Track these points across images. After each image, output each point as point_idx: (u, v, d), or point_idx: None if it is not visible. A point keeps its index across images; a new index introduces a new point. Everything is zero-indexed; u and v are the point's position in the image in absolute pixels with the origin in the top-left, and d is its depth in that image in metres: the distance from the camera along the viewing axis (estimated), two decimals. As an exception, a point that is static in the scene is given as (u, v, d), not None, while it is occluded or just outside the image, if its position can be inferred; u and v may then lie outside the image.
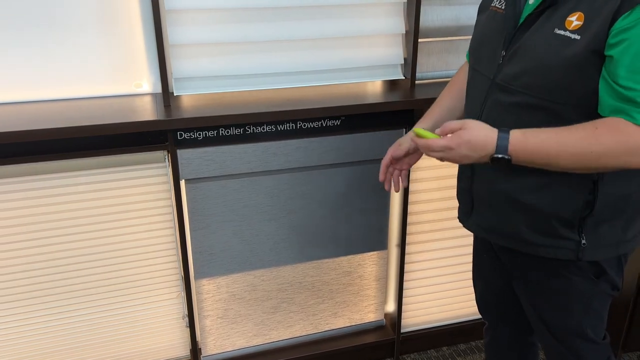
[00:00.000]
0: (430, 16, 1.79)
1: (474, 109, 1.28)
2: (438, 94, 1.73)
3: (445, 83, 1.86)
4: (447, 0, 1.80)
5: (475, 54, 1.33)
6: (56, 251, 1.69)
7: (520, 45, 1.15)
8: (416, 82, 1.82)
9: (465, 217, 1.40)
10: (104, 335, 1.86)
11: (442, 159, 1.16)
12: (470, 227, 1.40)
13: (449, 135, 1.13)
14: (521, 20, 1.17)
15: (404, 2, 1.75)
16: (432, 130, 1.21)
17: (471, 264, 2.12)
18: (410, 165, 1.47)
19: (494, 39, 1.24)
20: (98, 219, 1.69)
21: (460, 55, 1.88)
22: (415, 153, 1.43)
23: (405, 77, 1.83)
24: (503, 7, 1.23)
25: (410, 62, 1.78)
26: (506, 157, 1.09)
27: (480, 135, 1.10)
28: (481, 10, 1.37)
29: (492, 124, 1.17)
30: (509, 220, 1.27)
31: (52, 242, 1.68)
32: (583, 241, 1.20)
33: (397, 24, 1.77)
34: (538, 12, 1.14)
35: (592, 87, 1.06)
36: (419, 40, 1.77)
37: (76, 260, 1.73)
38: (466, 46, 1.86)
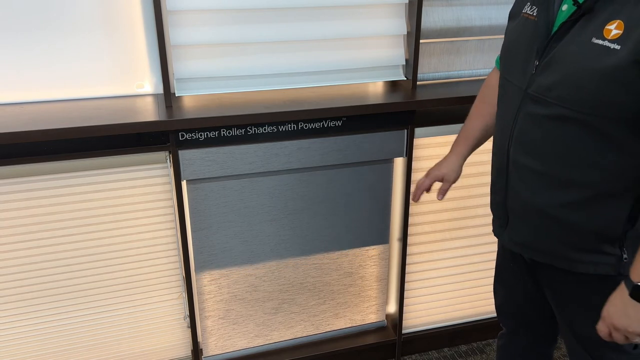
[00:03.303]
0: (431, 17, 1.79)
1: (506, 120, 1.24)
2: (439, 95, 1.73)
3: (447, 84, 1.88)
4: (448, 1, 1.80)
5: (505, 62, 1.28)
6: (58, 252, 1.70)
7: (555, 54, 1.10)
8: (417, 83, 1.82)
9: (500, 230, 1.36)
10: (105, 336, 1.87)
11: (625, 339, 1.13)
12: (504, 241, 1.36)
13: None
14: (555, 29, 1.12)
15: (405, 3, 1.76)
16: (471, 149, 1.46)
17: (473, 265, 2.13)
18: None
19: (525, 48, 1.19)
20: (99, 220, 1.70)
21: (462, 56, 1.88)
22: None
23: (407, 78, 1.83)
24: (535, 14, 1.18)
25: (412, 63, 1.78)
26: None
27: (617, 304, 1.10)
28: (512, 16, 1.31)
29: (524, 136, 1.15)
30: (546, 237, 1.23)
31: (54, 242, 1.68)
32: (625, 255, 1.17)
33: (399, 25, 1.77)
34: (573, 20, 1.08)
35: (633, 99, 1.01)
36: (421, 41, 1.77)
37: (78, 261, 1.73)
38: (467, 47, 1.88)
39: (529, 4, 1.22)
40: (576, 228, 1.17)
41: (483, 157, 1.95)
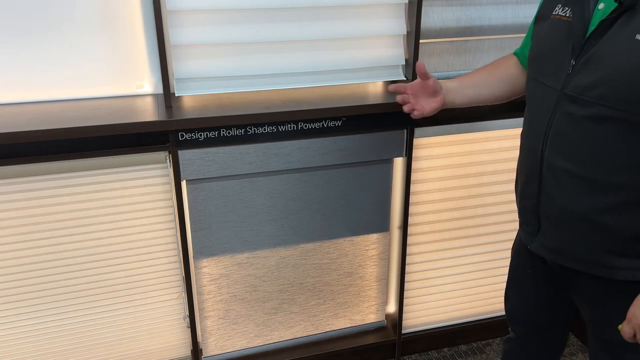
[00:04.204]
0: (431, 17, 1.79)
1: (539, 121, 1.21)
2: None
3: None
4: (448, 1, 1.80)
5: (536, 63, 1.26)
6: (58, 252, 1.70)
7: (594, 53, 1.08)
8: (417, 83, 1.82)
9: (531, 237, 1.32)
10: (105, 336, 1.87)
11: None
12: (535, 248, 1.31)
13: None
14: (592, 27, 1.10)
15: (405, 3, 1.76)
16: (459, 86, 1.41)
17: (473, 265, 2.13)
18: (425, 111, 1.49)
19: (558, 49, 1.17)
20: (99, 220, 1.70)
21: (462, 56, 1.88)
22: (437, 97, 1.47)
23: (407, 78, 1.83)
24: (568, 15, 1.16)
25: (412, 63, 1.78)
26: None
27: None
28: (540, 18, 1.28)
29: (561, 137, 1.12)
30: (583, 243, 1.19)
31: (54, 242, 1.68)
32: None
33: (399, 25, 1.77)
34: (613, 17, 1.06)
35: None
36: (420, 41, 1.77)
37: (77, 261, 1.73)
38: (467, 47, 1.88)
39: (559, 5, 1.20)
40: (617, 233, 1.13)
41: (482, 157, 1.95)
